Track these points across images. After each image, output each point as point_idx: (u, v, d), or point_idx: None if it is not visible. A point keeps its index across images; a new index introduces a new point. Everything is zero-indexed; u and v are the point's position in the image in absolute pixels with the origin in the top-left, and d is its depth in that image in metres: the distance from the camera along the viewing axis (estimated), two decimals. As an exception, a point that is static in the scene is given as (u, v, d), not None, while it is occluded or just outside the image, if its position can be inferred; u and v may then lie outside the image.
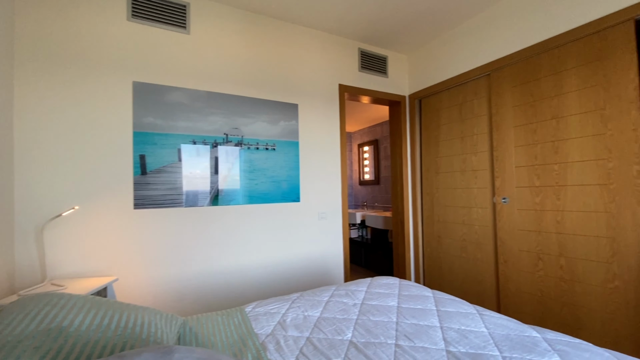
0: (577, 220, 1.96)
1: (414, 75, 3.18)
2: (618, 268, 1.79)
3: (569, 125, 1.98)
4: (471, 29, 2.58)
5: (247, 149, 2.36)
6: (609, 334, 1.83)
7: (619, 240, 1.78)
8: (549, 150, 2.08)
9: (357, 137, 5.26)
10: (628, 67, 1.73)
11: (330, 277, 2.73)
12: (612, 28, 1.78)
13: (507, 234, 2.35)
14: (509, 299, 2.35)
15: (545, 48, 2.07)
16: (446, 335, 1.11)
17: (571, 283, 2.00)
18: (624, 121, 1.75)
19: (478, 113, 2.56)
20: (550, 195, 2.08)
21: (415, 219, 3.18)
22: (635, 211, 1.72)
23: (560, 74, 2.01)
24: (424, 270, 3.15)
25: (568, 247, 2.01)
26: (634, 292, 1.73)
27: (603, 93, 1.82)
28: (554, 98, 2.05)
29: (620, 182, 1.77)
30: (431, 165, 3.02)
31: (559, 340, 1.05)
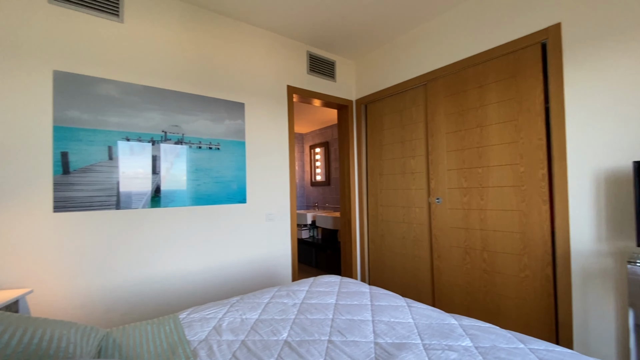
0: (497, 218, 2.20)
1: (360, 81, 3.31)
2: (528, 259, 2.05)
3: (490, 134, 2.22)
4: (411, 41, 2.76)
5: (189, 147, 2.26)
6: (522, 317, 2.09)
7: (529, 234, 2.05)
8: (475, 155, 2.31)
9: (309, 139, 5.32)
10: (536, 85, 1.99)
11: (277, 278, 2.72)
12: (523, 50, 2.05)
13: (440, 231, 2.56)
14: (442, 291, 2.55)
15: (472, 63, 2.30)
16: (376, 328, 1.17)
17: (492, 274, 2.24)
18: (532, 131, 2.01)
19: (416, 120, 2.75)
20: (475, 196, 2.32)
21: (362, 218, 3.30)
22: (541, 209, 1.99)
23: (483, 87, 2.25)
24: (369, 268, 3.29)
25: (489, 242, 2.25)
26: (539, 280, 2.00)
27: (517, 106, 2.08)
28: (479, 109, 2.28)
29: (529, 184, 2.03)
30: (376, 168, 3.17)
31: (472, 325, 1.17)
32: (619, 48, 1.67)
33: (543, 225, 1.98)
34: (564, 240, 1.87)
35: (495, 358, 0.94)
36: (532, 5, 1.99)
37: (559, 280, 1.90)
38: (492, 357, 0.95)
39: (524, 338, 1.07)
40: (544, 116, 1.96)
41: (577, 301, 1.84)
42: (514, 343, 1.03)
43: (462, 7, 2.37)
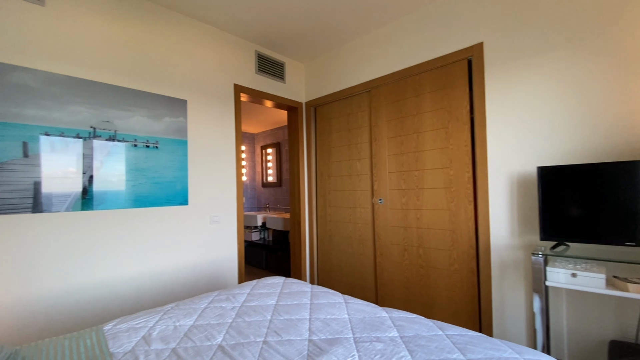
0: (430, 217, 2.39)
1: (310, 84, 3.36)
2: (457, 254, 2.26)
3: (425, 139, 2.41)
4: (357, 49, 2.88)
5: (123, 145, 2.10)
6: (452, 307, 2.29)
7: (457, 231, 2.26)
8: (412, 159, 2.49)
9: (260, 139, 5.25)
10: (463, 96, 2.21)
11: (222, 282, 2.64)
12: (453, 64, 2.26)
13: (382, 230, 2.70)
14: (384, 287, 2.70)
15: (410, 74, 2.47)
16: (312, 326, 1.21)
17: (427, 269, 2.42)
18: (460, 138, 2.23)
19: (361, 124, 2.87)
20: (412, 197, 2.49)
21: (311, 219, 3.35)
22: (467, 209, 2.21)
23: (420, 96, 2.44)
24: (318, 268, 3.34)
25: (424, 239, 2.43)
26: (466, 273, 2.22)
27: (447, 115, 2.29)
28: (416, 116, 2.46)
29: (457, 186, 2.24)
30: (324, 169, 3.24)
31: (400, 317, 1.27)
32: (529, 67, 1.93)
33: (469, 223, 2.20)
34: (485, 236, 2.10)
35: (416, 345, 1.03)
36: (461, 25, 2.20)
37: (482, 272, 2.12)
38: (414, 344, 1.03)
39: (443, 325, 1.18)
40: (470, 125, 2.18)
41: (496, 290, 2.07)
42: (434, 331, 1.14)
43: (402, 20, 2.54)
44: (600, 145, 1.70)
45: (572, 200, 1.65)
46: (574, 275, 1.57)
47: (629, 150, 1.62)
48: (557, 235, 1.70)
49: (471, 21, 2.15)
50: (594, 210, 1.59)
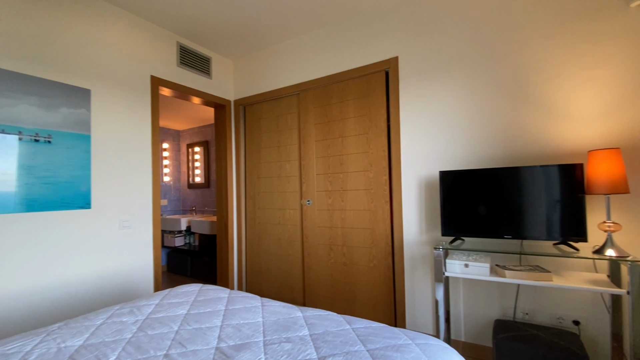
0: (353, 217, 2.52)
1: (239, 82, 3.27)
2: (375, 251, 2.42)
3: (349, 143, 2.53)
4: (288, 50, 2.90)
5: (3, 139, 1.75)
6: (371, 301, 2.44)
7: (376, 230, 2.42)
8: (337, 162, 2.59)
9: (186, 137, 4.91)
10: (381, 105, 2.38)
11: (135, 294, 2.39)
12: (373, 74, 2.42)
13: (310, 230, 2.75)
14: (311, 287, 2.75)
15: (336, 80, 2.58)
16: (222, 333, 1.16)
17: (350, 266, 2.54)
18: (379, 143, 2.39)
19: (291, 126, 2.89)
20: (338, 198, 2.59)
21: (239, 222, 3.25)
22: (384, 209, 2.38)
23: (344, 102, 2.56)
24: (246, 272, 3.25)
25: (348, 238, 2.55)
26: (383, 268, 2.39)
27: (368, 122, 2.44)
28: (341, 121, 2.57)
29: (376, 188, 2.41)
30: (254, 170, 3.18)
31: (313, 315, 1.30)
32: (436, 82, 2.16)
33: (386, 221, 2.37)
34: (399, 233, 2.29)
35: (323, 342, 1.06)
36: (380, 38, 2.37)
37: (396, 266, 2.31)
38: (321, 341, 1.07)
39: (351, 320, 1.25)
40: (387, 131, 2.36)
41: (408, 282, 2.27)
42: (343, 325, 1.20)
43: (330, 28, 2.63)
44: (490, 153, 1.99)
45: (466, 201, 1.90)
46: (466, 266, 1.80)
47: (512, 158, 1.93)
48: (454, 231, 1.94)
49: (388, 36, 2.34)
50: (483, 208, 1.86)
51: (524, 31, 1.88)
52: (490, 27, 1.98)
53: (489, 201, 1.83)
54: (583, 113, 1.72)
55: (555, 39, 1.79)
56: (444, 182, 1.95)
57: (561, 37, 1.78)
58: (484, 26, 2.00)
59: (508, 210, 1.78)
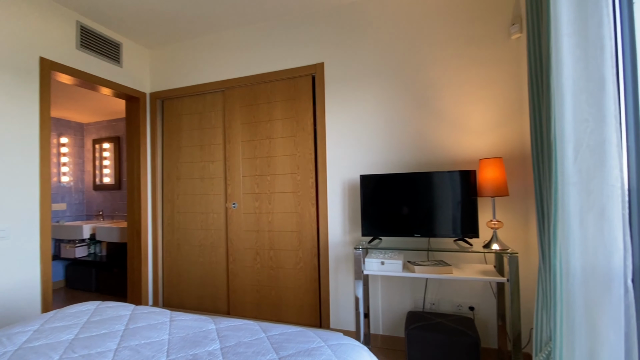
0: (281, 220, 2.49)
1: (157, 73, 2.97)
2: (302, 253, 2.43)
3: (276, 145, 2.50)
4: (213, 44, 2.73)
5: None
6: (298, 303, 2.44)
7: (303, 232, 2.43)
8: (265, 164, 2.54)
9: (92, 131, 4.27)
10: (308, 108, 2.41)
11: (13, 319, 1.97)
12: (300, 78, 2.43)
13: (235, 235, 2.63)
14: (236, 293, 2.63)
15: (263, 80, 2.52)
16: (117, 357, 1.02)
17: (277, 270, 2.50)
18: (306, 146, 2.41)
19: (215, 125, 2.74)
20: (265, 201, 2.54)
21: (155, 228, 2.94)
22: (311, 211, 2.40)
23: (272, 104, 2.52)
24: (163, 283, 2.96)
25: (275, 241, 2.51)
26: (309, 270, 2.41)
27: (295, 125, 2.44)
28: (268, 122, 2.53)
29: (303, 191, 2.42)
30: (173, 171, 2.91)
31: (228, 327, 1.23)
32: (358, 90, 2.27)
33: (312, 224, 2.40)
34: (324, 235, 2.34)
35: (234, 354, 1.01)
36: (307, 43, 2.40)
37: (322, 267, 2.35)
38: (232, 354, 1.01)
39: (267, 327, 1.22)
40: (314, 135, 2.40)
41: (333, 282, 2.33)
42: (258, 334, 1.16)
43: (259, 26, 2.56)
44: (404, 159, 2.16)
45: (383, 202, 2.03)
46: (382, 264, 1.92)
47: (422, 164, 2.12)
48: (373, 231, 2.06)
49: (315, 42, 2.38)
50: (397, 210, 2.01)
51: (431, 51, 2.10)
52: (405, 44, 2.16)
53: (402, 203, 1.99)
54: (477, 126, 1.99)
55: (455, 60, 2.04)
56: (363, 186, 2.05)
57: (460, 60, 2.03)
58: (400, 43, 2.17)
59: (417, 211, 1.96)
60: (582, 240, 1.02)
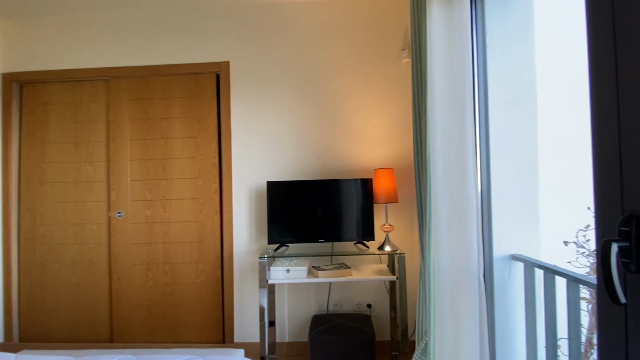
0: (178, 230, 2.24)
1: (12, 49, 2.35)
2: (203, 265, 2.24)
3: (174, 146, 2.25)
4: (95, 22, 2.30)
5: None
6: (198, 321, 2.23)
7: (204, 243, 2.24)
8: (159, 167, 2.25)
9: None
10: (212, 108, 2.24)
11: None
12: (203, 74, 2.25)
13: (121, 249, 2.26)
14: (122, 318, 2.25)
15: (159, 73, 2.24)
16: None
17: (173, 286, 2.24)
18: (208, 149, 2.24)
19: (96, 118, 2.31)
20: (159, 208, 2.25)
21: (8, 243, 2.31)
22: (214, 219, 2.23)
23: (169, 100, 2.26)
24: (19, 312, 2.34)
25: (171, 254, 2.25)
26: (212, 283, 2.23)
27: (197, 124, 2.24)
28: (164, 120, 2.25)
29: (205, 197, 2.23)
30: (34, 173, 2.34)
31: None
32: (267, 95, 2.21)
33: (215, 233, 2.23)
34: (229, 244, 2.20)
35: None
36: (213, 39, 2.23)
37: (225, 279, 2.20)
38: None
39: (143, 354, 1.06)
40: (218, 137, 2.24)
41: (238, 294, 2.21)
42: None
43: (155, 11, 2.27)
44: (311, 166, 2.20)
45: (290, 209, 2.02)
46: (287, 271, 1.91)
47: (327, 171, 2.19)
48: (279, 239, 2.03)
49: (221, 39, 2.23)
50: (303, 216, 2.02)
51: (334, 65, 2.20)
52: (310, 55, 2.21)
53: (308, 209, 2.02)
54: (374, 138, 2.16)
55: (355, 77, 2.19)
56: (270, 192, 2.01)
57: (359, 76, 2.18)
58: (306, 54, 2.21)
59: (322, 217, 2.01)
60: (449, 243, 1.19)
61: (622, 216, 0.54)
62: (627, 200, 0.53)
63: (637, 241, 0.53)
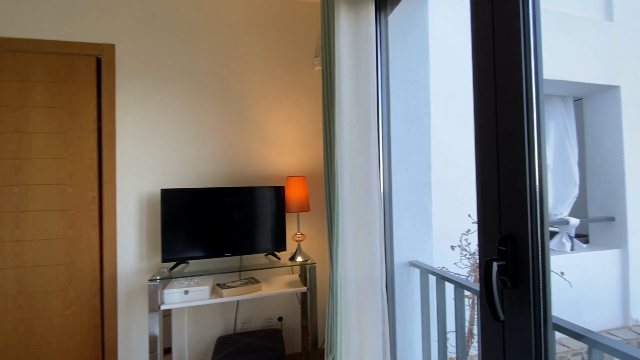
0: (39, 250, 1.76)
1: None
2: (75, 293, 1.80)
3: (33, 144, 1.76)
4: None
5: None
6: (66, 362, 1.78)
7: (77, 264, 1.80)
8: (10, 169, 1.73)
9: None
10: (90, 99, 1.83)
11: None
12: (79, 57, 1.83)
13: (-59, 281, 1.65)
14: (-60, 375, 1.64)
15: (12, 48, 1.73)
16: None
17: (30, 322, 1.74)
18: (84, 149, 1.82)
19: None
20: (9, 223, 1.73)
21: None
22: (90, 235, 1.82)
23: (28, 83, 1.76)
24: None
25: (28, 281, 1.74)
26: (87, 313, 1.81)
27: (67, 117, 1.80)
28: (19, 109, 1.75)
29: (78, 208, 1.81)
30: None
31: None
32: (162, 89, 1.92)
33: (92, 251, 1.82)
34: (111, 264, 1.82)
35: None
36: (95, 14, 1.83)
37: (107, 307, 1.81)
38: None
39: None
40: (98, 135, 1.85)
41: (123, 323, 1.84)
42: None
43: (3, -34, 1.74)
44: (216, 172, 1.99)
45: (190, 221, 1.78)
46: (186, 293, 1.67)
47: (235, 178, 2.02)
48: (177, 255, 1.77)
49: (106, 16, 1.85)
50: (206, 228, 1.81)
51: (248, 65, 2.05)
52: (220, 50, 2.01)
53: (212, 220, 1.81)
54: (287, 144, 2.09)
55: (269, 80, 2.08)
56: (165, 202, 1.74)
57: (273, 80, 2.09)
58: (215, 49, 2.01)
59: (229, 229, 1.84)
60: (355, 254, 1.18)
61: (499, 236, 0.59)
62: (504, 221, 0.58)
63: (512, 259, 0.58)
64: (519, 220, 0.56)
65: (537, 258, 0.54)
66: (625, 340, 2.84)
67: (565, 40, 2.51)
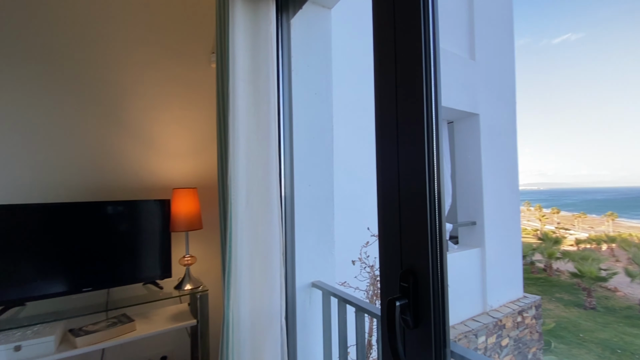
0: None
1: None
2: None
3: None
4: None
5: None
6: None
7: None
8: None
9: None
10: None
11: None
12: None
13: None
14: None
15: None
16: None
17: None
18: None
19: None
20: None
21: None
22: None
23: None
24: None
25: None
26: None
27: None
28: None
29: None
30: None
31: None
32: None
33: None
34: None
35: None
36: None
37: None
38: None
39: None
40: None
41: None
42: None
43: None
44: (70, 182, 1.54)
45: (32, 247, 1.31)
46: (17, 349, 1.21)
47: (99, 190, 1.59)
48: (5, 297, 1.28)
49: None
50: (58, 257, 1.36)
51: (130, 51, 1.68)
52: (91, 31, 1.59)
53: (64, 246, 1.38)
54: (174, 150, 1.78)
55: (159, 71, 1.75)
56: (-16, 225, 1.23)
57: (160, 73, 1.76)
58: (85, 22, 1.57)
59: (90, 256, 1.43)
60: (251, 283, 1.03)
61: (401, 271, 0.54)
62: (405, 255, 0.53)
63: (414, 296, 0.54)
64: (419, 252, 0.52)
65: (438, 294, 0.50)
66: (484, 325, 3.45)
67: (442, 69, 2.91)
